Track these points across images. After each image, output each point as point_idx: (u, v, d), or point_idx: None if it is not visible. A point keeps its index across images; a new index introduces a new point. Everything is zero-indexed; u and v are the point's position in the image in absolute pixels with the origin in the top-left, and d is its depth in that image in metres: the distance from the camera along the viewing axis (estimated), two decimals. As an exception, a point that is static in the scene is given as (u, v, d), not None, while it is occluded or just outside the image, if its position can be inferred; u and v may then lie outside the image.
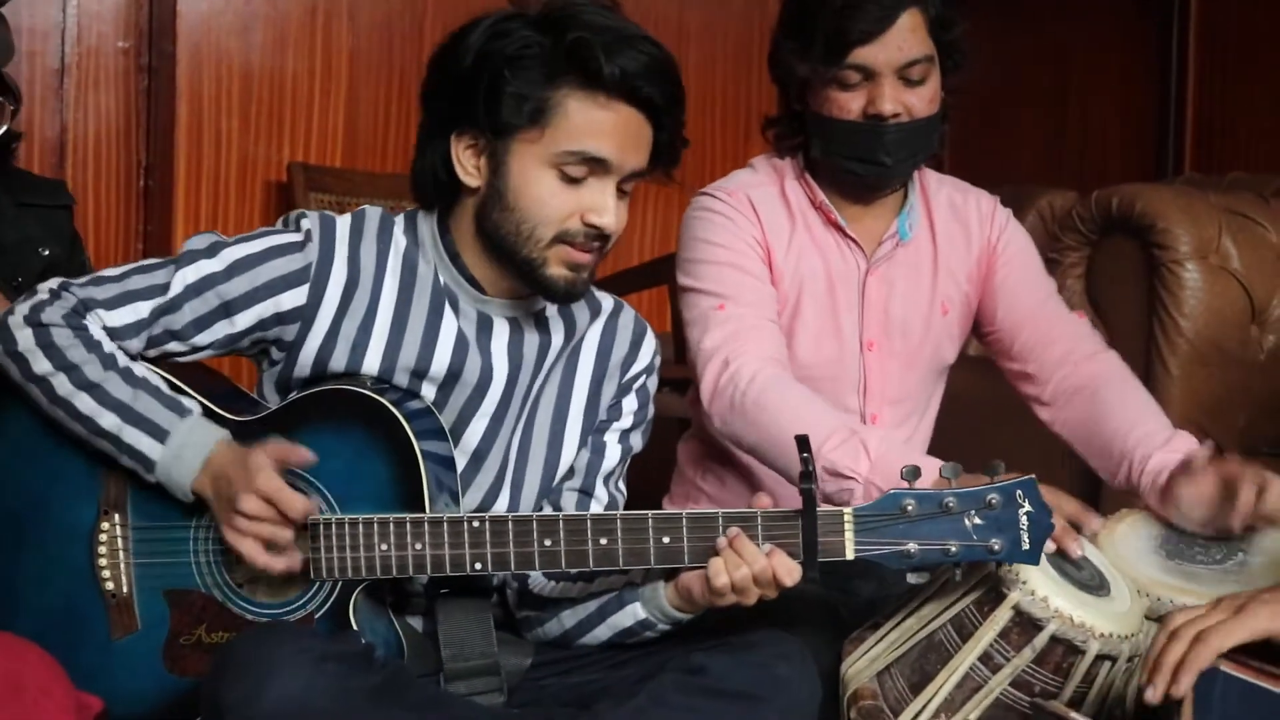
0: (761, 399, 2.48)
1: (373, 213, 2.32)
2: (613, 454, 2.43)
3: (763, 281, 2.66)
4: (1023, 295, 2.77)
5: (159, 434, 2.19)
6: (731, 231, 2.68)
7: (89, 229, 4.37)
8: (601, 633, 2.31)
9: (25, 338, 2.22)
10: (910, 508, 2.11)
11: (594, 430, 2.41)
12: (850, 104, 2.59)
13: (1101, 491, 3.07)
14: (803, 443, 2.09)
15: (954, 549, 2.10)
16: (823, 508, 2.12)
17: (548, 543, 2.14)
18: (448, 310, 2.28)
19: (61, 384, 2.21)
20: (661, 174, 2.30)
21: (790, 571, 2.10)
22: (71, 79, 4.43)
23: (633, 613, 2.27)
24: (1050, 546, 2.21)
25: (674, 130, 2.26)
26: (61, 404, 2.21)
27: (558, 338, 2.37)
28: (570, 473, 2.41)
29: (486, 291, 2.30)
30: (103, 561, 2.27)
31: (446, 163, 2.25)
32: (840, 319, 2.70)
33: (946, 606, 2.21)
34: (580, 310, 2.40)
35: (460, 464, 2.30)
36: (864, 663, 2.28)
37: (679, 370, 3.29)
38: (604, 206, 2.20)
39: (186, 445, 2.19)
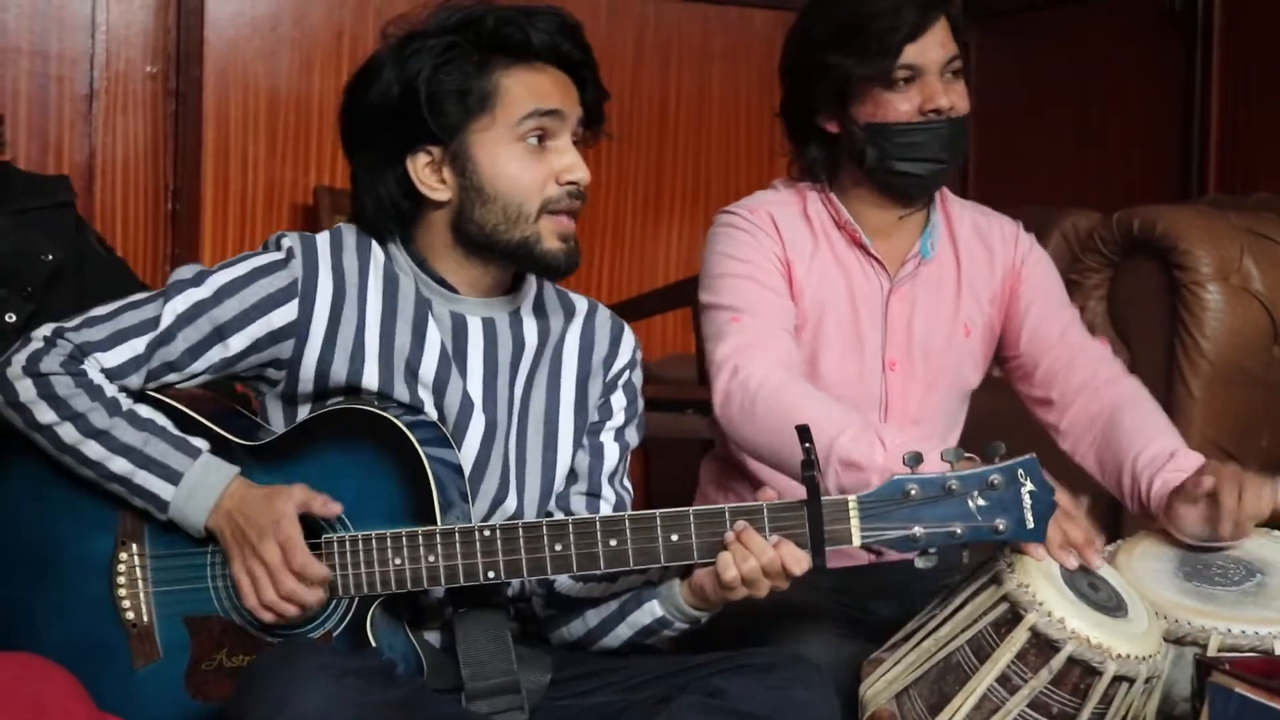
0: (771, 401, 2.48)
1: (348, 228, 2.36)
2: (612, 453, 2.46)
3: (780, 295, 2.67)
4: (1046, 322, 2.77)
5: (171, 476, 2.21)
6: (751, 246, 2.70)
7: (117, 252, 4.40)
8: (622, 632, 2.34)
9: (26, 389, 2.24)
10: (914, 492, 2.14)
11: (588, 431, 2.44)
12: (901, 104, 2.65)
13: (1123, 516, 3.07)
14: (803, 432, 2.13)
15: (959, 530, 2.13)
16: (827, 496, 2.15)
17: (558, 547, 2.18)
18: (431, 321, 2.32)
19: (68, 433, 2.23)
20: (595, 135, 2.41)
21: (798, 560, 2.13)
22: (100, 104, 4.46)
23: (650, 611, 2.29)
24: (1071, 563, 2.22)
25: (595, 86, 2.38)
26: (69, 451, 2.23)
27: (532, 339, 2.40)
28: (574, 476, 2.43)
29: (460, 292, 2.34)
30: (122, 592, 2.28)
31: (407, 190, 2.30)
32: (863, 338, 2.71)
33: (964, 628, 2.22)
34: (555, 312, 2.44)
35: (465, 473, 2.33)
36: (882, 684, 2.28)
37: (702, 392, 3.29)
38: (573, 162, 2.30)
39: (199, 486, 2.21)
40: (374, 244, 2.34)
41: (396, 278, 2.33)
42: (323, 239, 2.33)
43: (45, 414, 2.23)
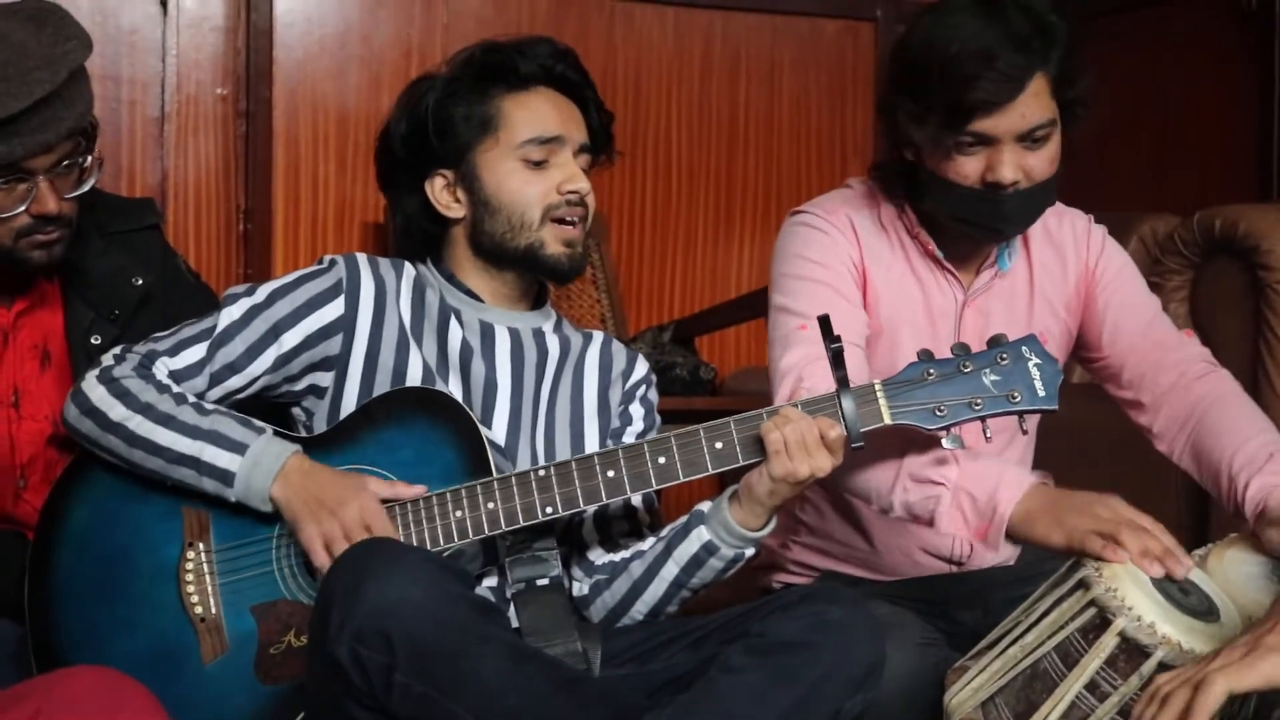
0: None
1: (383, 257, 2.58)
2: None
3: (854, 305, 2.61)
4: (1128, 320, 2.69)
5: (237, 448, 2.35)
6: (828, 248, 2.63)
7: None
8: (669, 571, 2.43)
9: (99, 394, 2.42)
10: (931, 374, 2.32)
11: (611, 434, 2.59)
12: (967, 169, 2.48)
13: (1210, 520, 3.01)
14: (824, 322, 2.28)
15: (979, 402, 2.32)
16: (854, 382, 2.30)
17: (610, 473, 2.33)
18: (453, 322, 2.51)
19: (139, 424, 2.38)
20: (608, 157, 2.64)
21: (832, 425, 2.28)
22: (171, 126, 4.48)
23: (698, 536, 2.40)
24: (1158, 570, 2.18)
25: (598, 108, 2.61)
26: (141, 443, 2.38)
27: (555, 351, 2.59)
28: None
29: (485, 301, 2.56)
30: (190, 589, 2.37)
31: (429, 211, 2.56)
32: (940, 351, 2.64)
33: (1051, 634, 2.18)
34: (574, 335, 2.64)
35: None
36: (968, 693, 2.24)
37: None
38: (573, 174, 2.52)
39: (264, 454, 2.35)
40: (406, 264, 2.58)
41: (424, 289, 2.54)
42: (361, 255, 2.56)
43: (117, 410, 2.40)
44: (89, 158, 2.62)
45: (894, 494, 2.42)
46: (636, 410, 2.64)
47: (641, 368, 2.68)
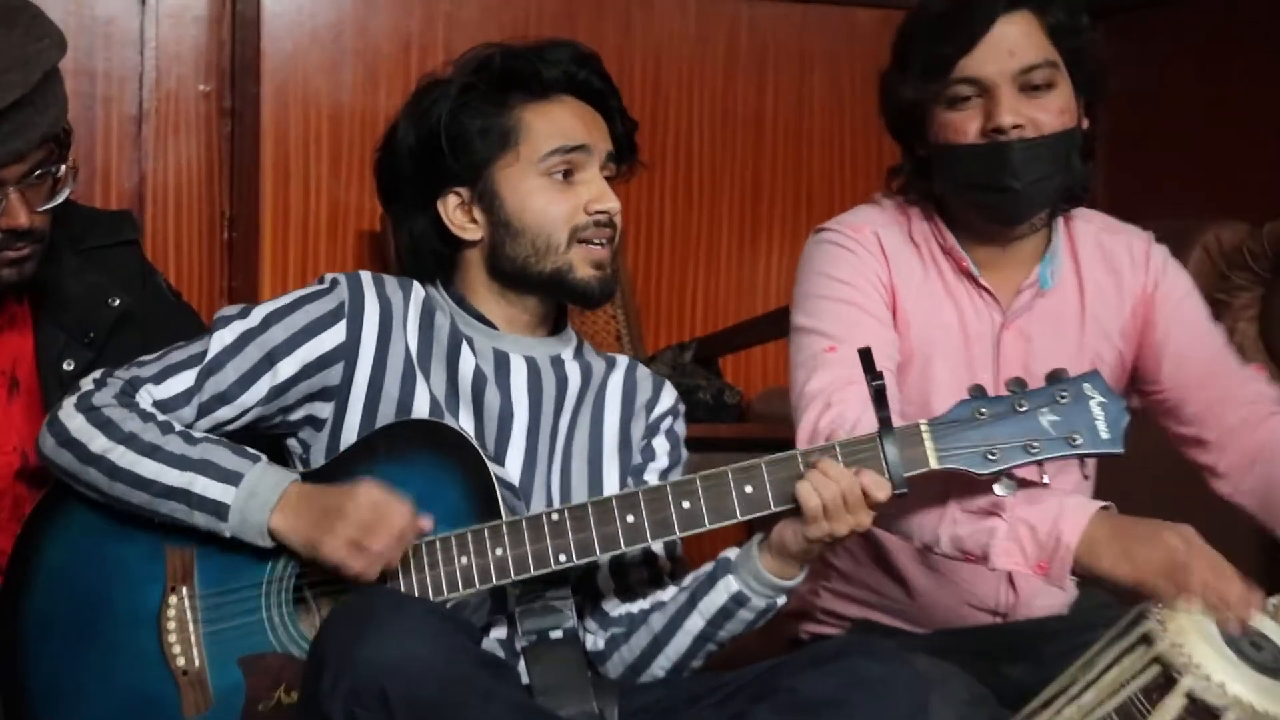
0: None
1: (389, 275, 2.55)
2: None
3: (883, 325, 2.62)
4: (1191, 354, 2.69)
5: (230, 478, 2.32)
6: (854, 266, 2.64)
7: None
8: (693, 624, 2.42)
9: (78, 423, 2.39)
10: (983, 412, 2.29)
11: (631, 471, 2.56)
12: (966, 124, 2.56)
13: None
14: (865, 355, 2.26)
15: (1036, 445, 2.28)
16: (898, 421, 2.28)
17: (630, 518, 2.30)
18: (464, 349, 2.48)
19: (121, 456, 2.36)
20: (630, 167, 2.61)
21: (879, 484, 2.25)
22: (150, 125, 4.48)
23: (725, 587, 2.39)
24: (1230, 622, 2.18)
25: (622, 115, 2.58)
26: (124, 476, 2.35)
27: (575, 380, 2.55)
28: None
29: (500, 328, 2.51)
30: (172, 638, 2.36)
31: (440, 232, 2.52)
32: (976, 378, 2.62)
33: (1111, 694, 2.18)
34: (596, 361, 2.60)
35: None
36: (1020, 756, 2.24)
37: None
38: (601, 192, 2.49)
39: (260, 483, 2.32)
40: (414, 283, 2.53)
41: (433, 312, 2.50)
42: (365, 274, 2.51)
43: (98, 442, 2.37)
44: (63, 166, 2.61)
45: (940, 529, 2.41)
46: (660, 444, 2.61)
47: (668, 398, 2.65)
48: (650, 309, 4.83)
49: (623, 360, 2.67)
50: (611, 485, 2.53)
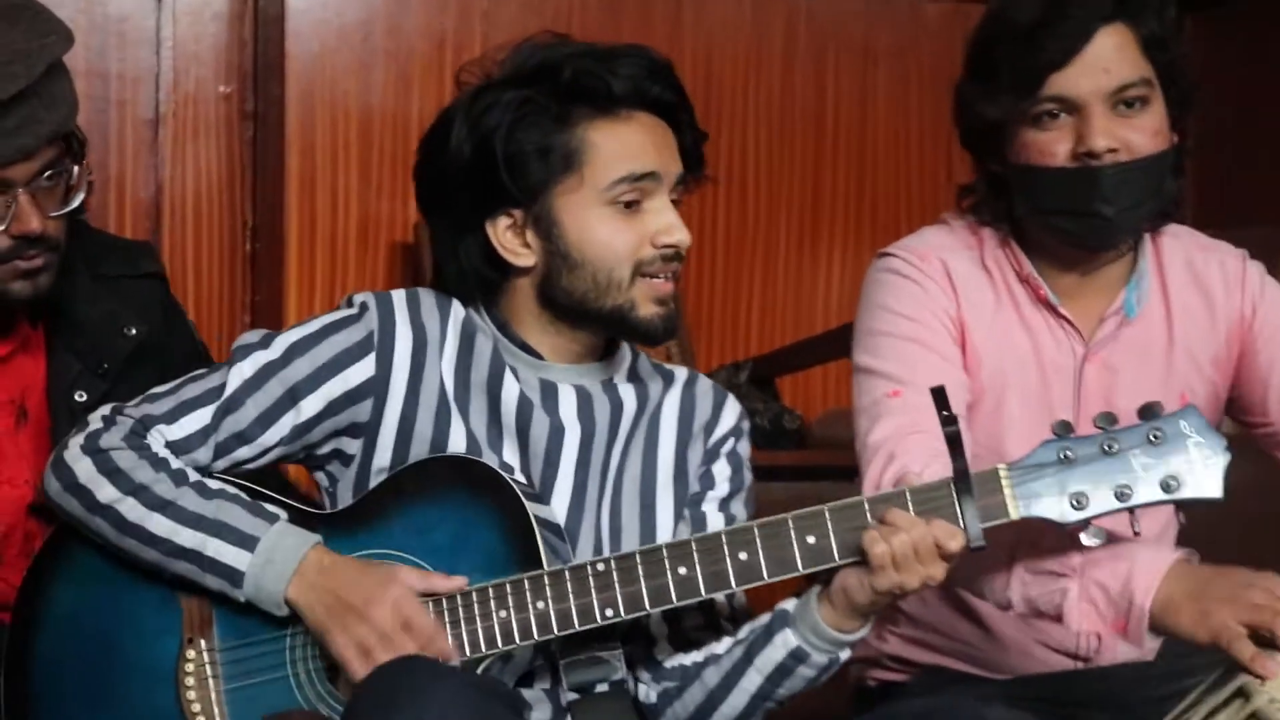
0: None
1: (426, 291, 2.49)
2: (716, 525, 2.49)
3: (951, 364, 2.60)
4: None
5: (246, 542, 2.30)
6: (919, 300, 2.62)
7: (188, 302, 4.36)
8: (750, 681, 2.39)
9: (85, 468, 2.37)
10: (1069, 455, 2.25)
11: (688, 502, 2.51)
12: (1054, 146, 2.53)
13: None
14: (938, 394, 2.24)
15: (1128, 491, 2.24)
16: (975, 467, 2.24)
17: (682, 570, 2.28)
18: (508, 375, 2.42)
19: (131, 509, 2.33)
20: (696, 180, 2.54)
21: (952, 535, 2.22)
22: (167, 130, 4.49)
23: (784, 642, 2.35)
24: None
25: (692, 128, 2.50)
26: (132, 530, 2.33)
27: (630, 405, 2.49)
28: None
29: (545, 358, 2.45)
30: (191, 695, 2.35)
31: (489, 256, 2.41)
32: (1055, 415, 2.58)
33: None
34: (653, 379, 2.55)
35: None
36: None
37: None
38: (671, 223, 2.41)
39: (277, 549, 2.30)
40: (454, 302, 2.47)
41: (474, 335, 2.44)
42: (398, 294, 2.46)
43: (106, 491, 2.35)
44: (76, 169, 2.62)
45: (1011, 588, 2.41)
46: (720, 470, 2.56)
47: (729, 415, 2.59)
48: (702, 326, 4.81)
49: (681, 374, 2.61)
50: (665, 521, 2.50)
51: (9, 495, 2.70)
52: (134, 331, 2.77)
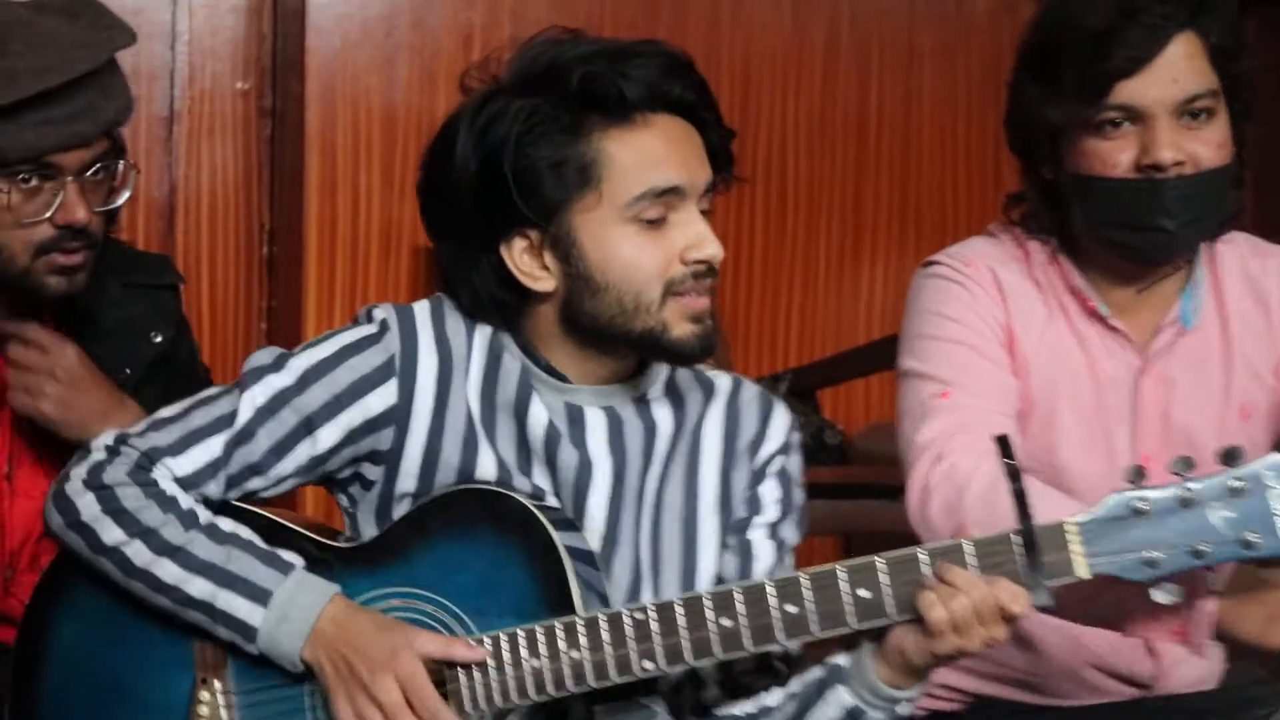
0: (989, 496, 2.39)
1: (451, 301, 2.39)
2: (764, 553, 2.44)
3: (1000, 368, 2.60)
4: None
5: (259, 596, 2.26)
6: (967, 304, 2.63)
7: (202, 307, 4.43)
8: None
9: (88, 505, 2.31)
10: (1142, 507, 2.15)
11: (733, 529, 2.44)
12: (1116, 155, 2.52)
13: None
14: (1003, 443, 2.16)
15: (1205, 548, 2.14)
16: (1040, 520, 2.16)
17: (726, 622, 2.21)
18: (535, 399, 2.35)
19: (138, 552, 2.29)
20: (728, 182, 2.40)
21: (1016, 596, 2.14)
22: (182, 127, 4.51)
23: (838, 701, 2.29)
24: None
25: (718, 126, 2.36)
26: (140, 575, 2.29)
27: (666, 425, 2.42)
28: (720, 584, 2.40)
29: (572, 381, 2.37)
30: None
31: (505, 279, 2.31)
32: (1110, 429, 2.63)
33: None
34: (692, 392, 2.46)
35: None
36: None
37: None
38: (700, 236, 2.29)
39: (293, 606, 2.26)
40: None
41: (500, 354, 2.37)
42: (421, 308, 2.38)
43: (111, 533, 2.30)
44: (121, 163, 2.66)
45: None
46: (768, 492, 2.46)
47: (777, 431, 2.48)
48: (740, 338, 4.82)
49: (724, 383, 2.49)
50: (708, 553, 2.42)
51: (27, 508, 2.70)
52: (159, 339, 2.80)
